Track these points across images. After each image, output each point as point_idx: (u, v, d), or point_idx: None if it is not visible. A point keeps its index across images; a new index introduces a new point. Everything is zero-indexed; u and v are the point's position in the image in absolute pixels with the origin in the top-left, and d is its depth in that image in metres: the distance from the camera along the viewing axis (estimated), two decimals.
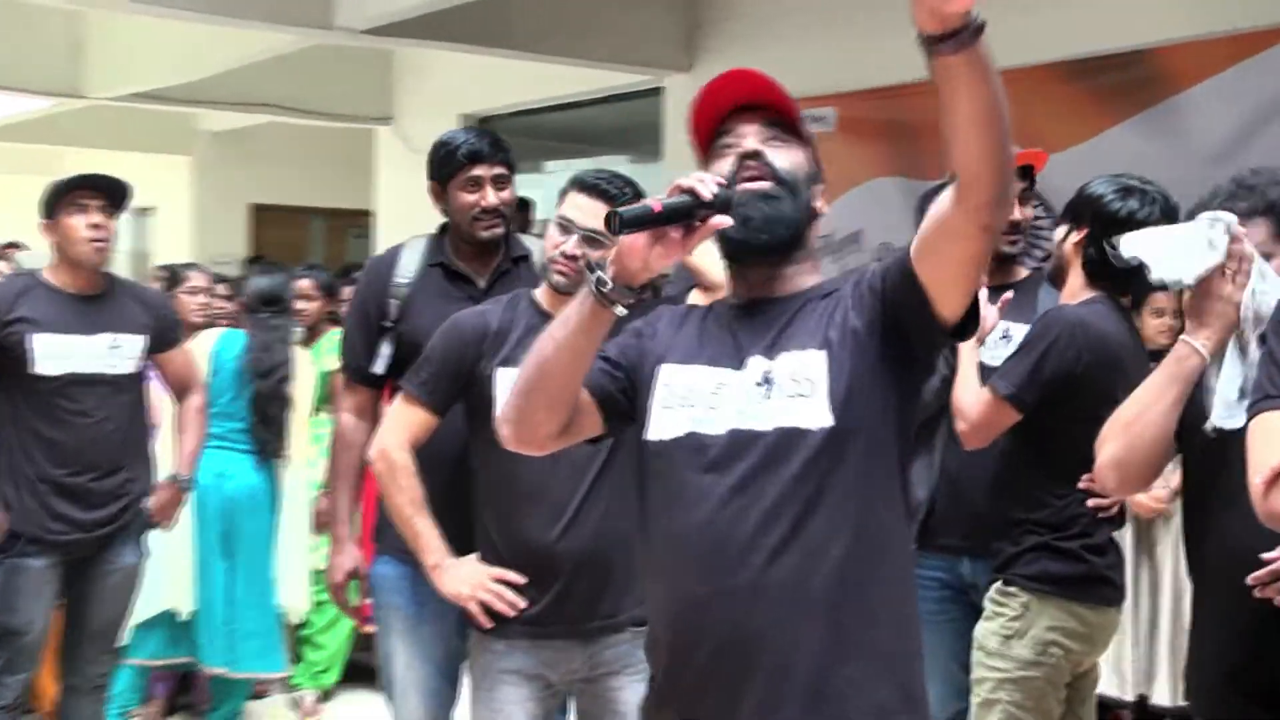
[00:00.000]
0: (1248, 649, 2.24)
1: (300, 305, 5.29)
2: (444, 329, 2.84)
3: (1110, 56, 5.49)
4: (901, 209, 5.44)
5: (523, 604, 2.72)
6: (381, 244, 10.19)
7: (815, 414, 1.90)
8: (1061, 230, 3.08)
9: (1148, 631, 4.49)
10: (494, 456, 2.68)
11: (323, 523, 5.07)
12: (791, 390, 1.92)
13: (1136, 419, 2.32)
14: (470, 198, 3.08)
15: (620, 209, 1.87)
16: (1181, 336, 2.31)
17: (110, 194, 3.86)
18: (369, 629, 5.36)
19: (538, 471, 2.65)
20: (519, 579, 2.73)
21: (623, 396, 2.09)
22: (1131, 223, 2.92)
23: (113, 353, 3.85)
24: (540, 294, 2.82)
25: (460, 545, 2.80)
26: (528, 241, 3.22)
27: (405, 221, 10.02)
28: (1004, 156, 1.71)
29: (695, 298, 2.73)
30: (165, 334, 4.02)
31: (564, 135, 8.69)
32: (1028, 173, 3.27)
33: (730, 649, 1.90)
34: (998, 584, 3.02)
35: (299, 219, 11.81)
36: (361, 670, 5.51)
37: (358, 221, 11.26)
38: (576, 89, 8.36)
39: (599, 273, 1.92)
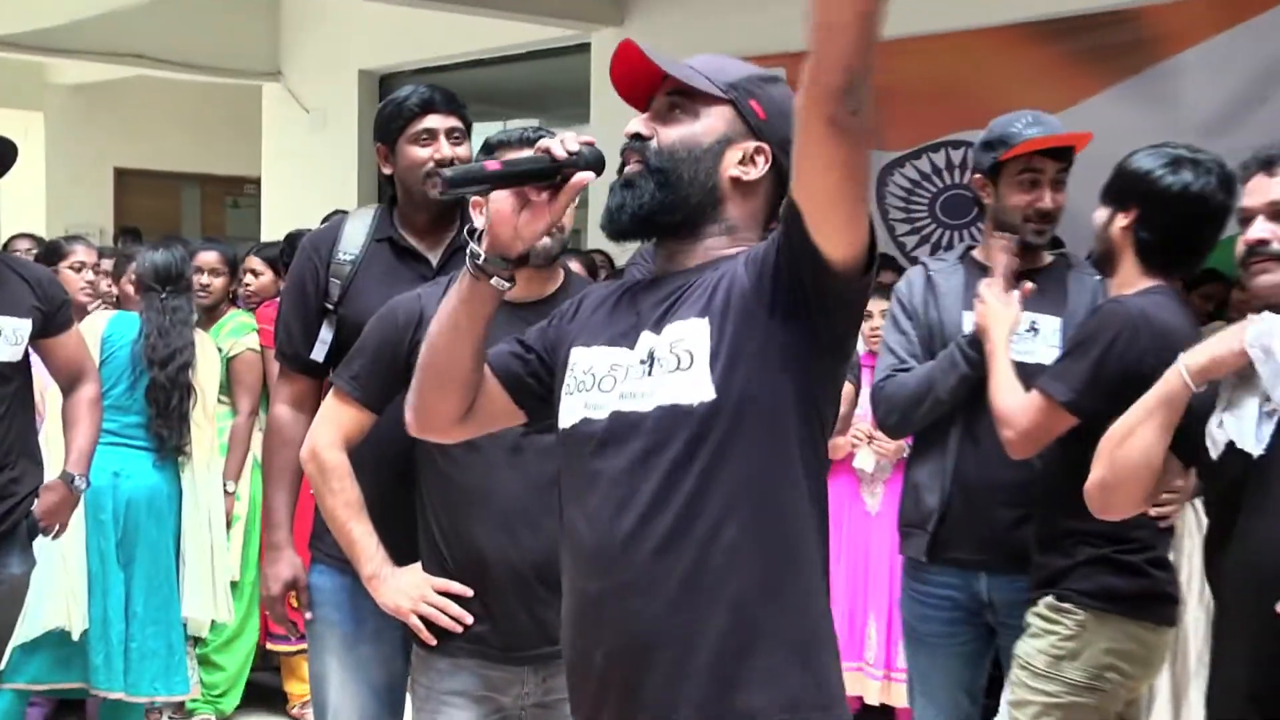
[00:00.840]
0: (1273, 676, 2.25)
1: (205, 281, 5.18)
2: (378, 317, 2.80)
3: (1093, 16, 5.56)
4: None
5: (469, 619, 2.68)
6: (268, 213, 10.09)
7: (695, 388, 1.91)
8: (1104, 213, 2.98)
9: None
10: (442, 456, 2.65)
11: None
12: (670, 365, 1.93)
13: (1122, 440, 2.38)
14: (423, 152, 3.04)
15: (445, 170, 1.94)
16: (1182, 359, 2.36)
17: None
18: (275, 646, 5.39)
19: (490, 474, 2.64)
20: (465, 591, 2.68)
21: (534, 381, 2.14)
22: (1186, 197, 2.85)
23: None
24: None
25: (403, 554, 2.76)
26: None
27: (296, 189, 9.96)
28: (869, 42, 1.67)
29: None
30: (55, 316, 3.83)
31: (477, 96, 8.58)
32: (1066, 154, 3.19)
33: (624, 650, 1.94)
34: (1048, 599, 2.93)
35: (170, 185, 11.60)
36: (264, 692, 5.45)
37: (237, 189, 11.12)
38: (492, 44, 8.28)
39: (472, 244, 1.98)
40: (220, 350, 5.06)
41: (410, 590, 2.73)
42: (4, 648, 3.99)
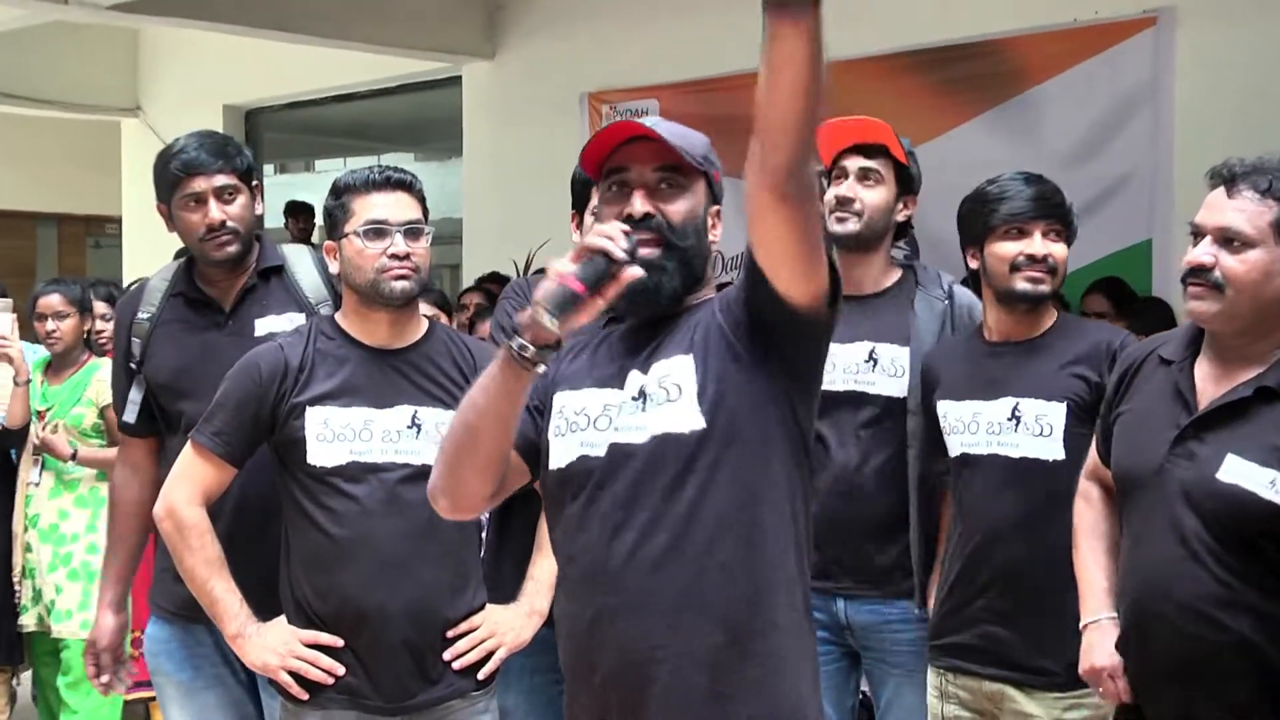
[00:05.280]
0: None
1: (50, 326, 5.03)
2: (237, 370, 2.84)
3: (959, 47, 5.82)
4: (731, 211, 5.60)
5: (340, 670, 2.74)
6: (129, 254, 9.99)
7: (685, 417, 2.11)
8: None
9: None
10: (316, 508, 2.73)
11: None
12: (661, 397, 2.13)
13: None
14: (193, 217, 3.05)
15: (549, 305, 2.04)
16: None
17: None
18: (129, 695, 5.26)
19: (369, 524, 2.73)
20: (335, 641, 2.74)
21: (541, 440, 2.29)
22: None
23: None
24: (343, 317, 2.87)
25: (263, 608, 2.80)
26: (289, 250, 3.21)
27: (160, 227, 9.81)
28: (811, 130, 1.87)
29: None
30: None
31: (346, 130, 8.66)
32: (873, 151, 3.23)
33: (624, 670, 2.12)
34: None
35: (23, 226, 11.42)
36: None
37: (98, 228, 11.00)
38: (362, 77, 8.30)
39: (519, 338, 2.09)
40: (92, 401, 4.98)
41: (277, 646, 2.78)
42: None
